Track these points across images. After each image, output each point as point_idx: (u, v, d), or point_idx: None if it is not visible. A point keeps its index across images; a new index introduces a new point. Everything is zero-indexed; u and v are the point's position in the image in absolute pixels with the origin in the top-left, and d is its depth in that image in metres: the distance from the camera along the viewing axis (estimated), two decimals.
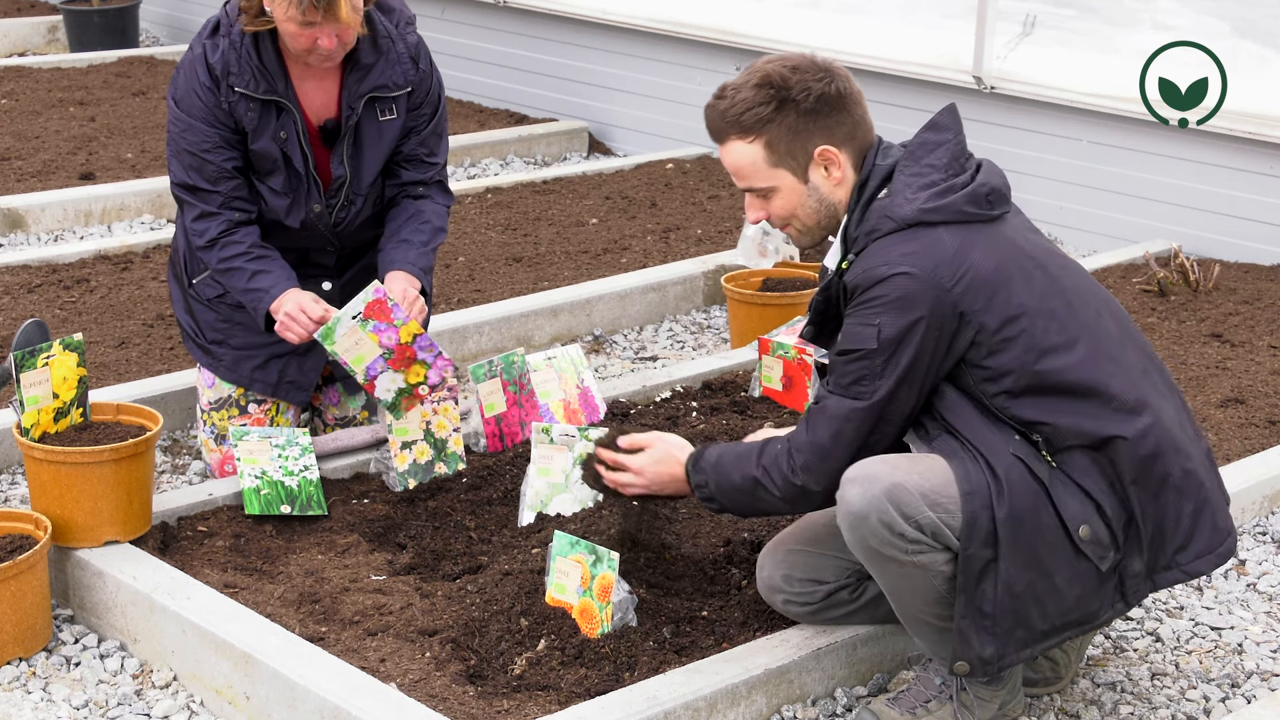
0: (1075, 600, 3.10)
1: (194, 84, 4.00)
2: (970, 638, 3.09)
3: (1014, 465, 3.04)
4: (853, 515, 3.07)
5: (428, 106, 4.19)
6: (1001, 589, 3.05)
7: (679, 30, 7.53)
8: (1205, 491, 3.15)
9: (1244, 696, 3.50)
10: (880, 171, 3.19)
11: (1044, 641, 3.13)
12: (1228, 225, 6.12)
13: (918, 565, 3.07)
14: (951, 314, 3.05)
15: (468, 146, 7.53)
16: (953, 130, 3.20)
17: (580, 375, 4.38)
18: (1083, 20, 6.66)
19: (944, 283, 3.04)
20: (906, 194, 3.12)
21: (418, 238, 4.15)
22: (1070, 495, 3.06)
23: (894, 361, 3.06)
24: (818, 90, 3.16)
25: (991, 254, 3.09)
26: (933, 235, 3.08)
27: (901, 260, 3.05)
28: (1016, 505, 3.02)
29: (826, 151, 3.18)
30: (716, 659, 3.31)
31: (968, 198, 3.11)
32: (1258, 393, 4.83)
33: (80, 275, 5.65)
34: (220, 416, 4.26)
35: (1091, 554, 3.07)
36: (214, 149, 4.02)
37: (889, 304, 3.05)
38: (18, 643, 3.51)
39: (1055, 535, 3.05)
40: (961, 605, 3.08)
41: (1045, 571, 3.05)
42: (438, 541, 3.86)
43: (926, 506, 3.04)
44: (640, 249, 6.20)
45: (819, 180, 3.21)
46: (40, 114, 7.76)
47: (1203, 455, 3.20)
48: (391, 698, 3.15)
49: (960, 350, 3.08)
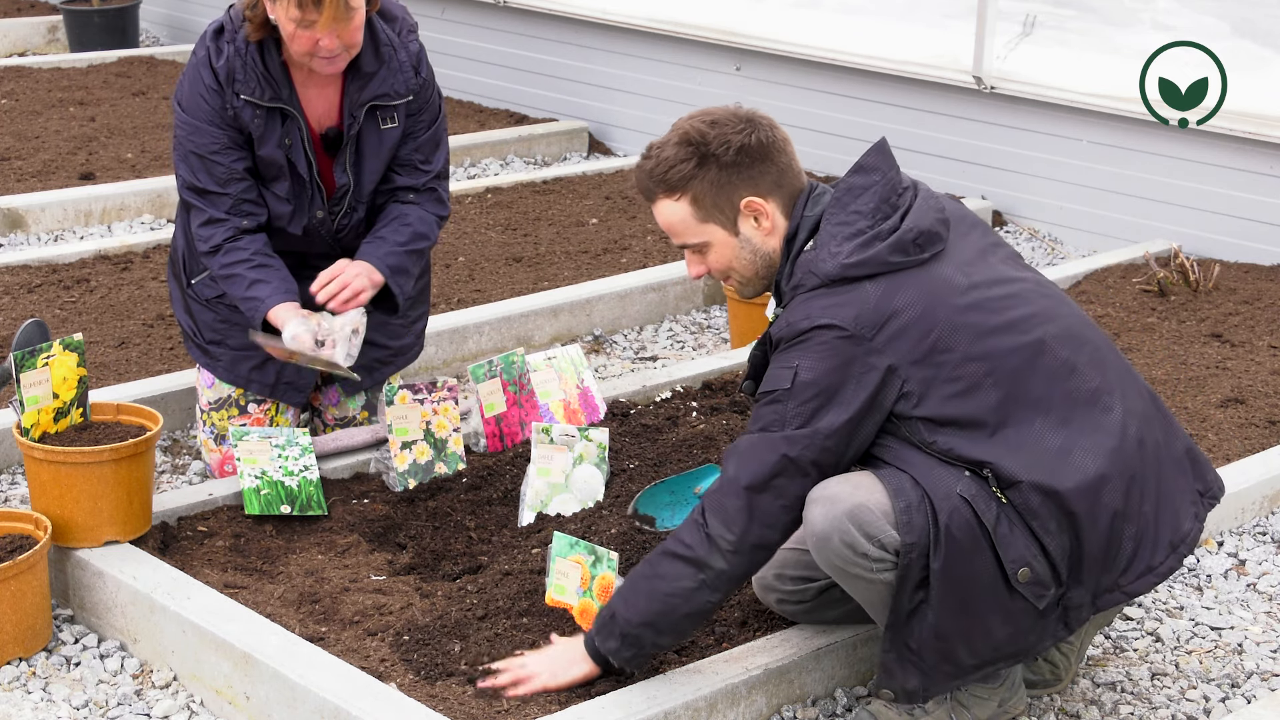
0: (1007, 637, 3.08)
1: (199, 88, 4.00)
2: (894, 670, 3.09)
3: (958, 510, 2.99)
4: (816, 536, 3.05)
5: (426, 114, 4.19)
6: (928, 631, 3.04)
7: (679, 30, 7.53)
8: (1146, 513, 3.10)
9: (1244, 696, 3.51)
10: (808, 222, 3.15)
11: (973, 674, 3.12)
12: (1228, 225, 6.12)
13: (884, 582, 3.06)
14: (876, 367, 3.00)
15: (468, 146, 7.53)
16: (881, 170, 3.14)
17: (580, 375, 4.38)
18: (1083, 20, 6.66)
19: (865, 333, 3.00)
20: (831, 247, 3.07)
21: (394, 237, 4.13)
22: (1015, 536, 3.01)
23: (807, 406, 3.02)
24: (737, 143, 3.13)
25: (918, 300, 3.03)
26: (856, 289, 3.03)
27: (822, 313, 3.02)
28: (953, 555, 2.99)
29: (752, 203, 3.16)
30: (716, 659, 3.31)
31: (891, 247, 3.05)
32: (1258, 393, 4.83)
33: (80, 275, 5.65)
34: (220, 416, 4.26)
35: (1029, 594, 3.03)
36: (222, 150, 4.02)
37: (807, 350, 3.02)
38: (18, 643, 3.51)
39: (991, 580, 3.02)
40: (888, 640, 3.08)
41: (976, 615, 3.04)
42: (438, 541, 3.86)
43: (889, 525, 3.02)
44: (640, 249, 6.20)
45: (749, 231, 3.18)
46: (40, 114, 7.76)
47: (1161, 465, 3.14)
48: (391, 698, 3.15)
49: (888, 404, 3.03)
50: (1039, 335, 3.10)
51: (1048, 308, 3.17)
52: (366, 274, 4.03)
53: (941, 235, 3.12)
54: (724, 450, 3.25)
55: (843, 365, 3.00)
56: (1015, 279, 3.18)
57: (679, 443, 4.20)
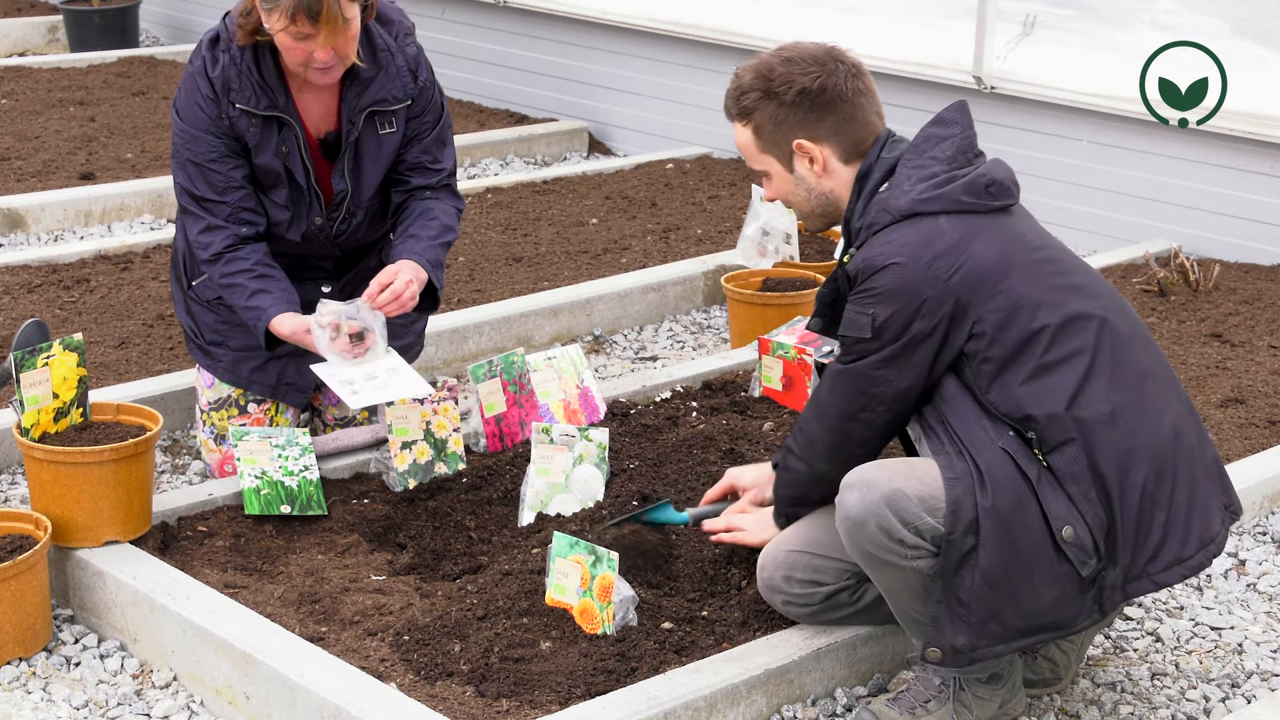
0: (1052, 602, 3.08)
1: (195, 97, 4.00)
2: (944, 624, 3.09)
3: (1000, 460, 3.04)
4: (851, 520, 3.08)
5: (429, 115, 4.19)
6: (979, 578, 3.04)
7: (679, 30, 7.53)
8: (1178, 502, 3.12)
9: (1244, 696, 3.50)
10: (883, 165, 3.22)
11: (1018, 640, 3.12)
12: (1228, 225, 6.12)
13: (916, 570, 3.08)
14: (948, 304, 3.06)
15: (468, 146, 7.53)
16: (960, 125, 3.21)
17: (580, 375, 4.38)
18: (1083, 20, 6.65)
19: (940, 273, 3.06)
20: (904, 186, 3.15)
21: (425, 232, 4.13)
22: (1056, 497, 3.05)
23: (888, 348, 3.09)
24: (800, 85, 3.21)
25: (993, 245, 3.10)
26: (932, 225, 3.10)
27: (898, 251, 3.08)
28: (1000, 497, 3.02)
29: (803, 145, 3.24)
30: (716, 659, 3.31)
31: (964, 187, 3.13)
32: (1258, 393, 4.83)
33: (80, 275, 5.65)
34: (220, 417, 4.26)
35: (1074, 557, 3.06)
36: (220, 159, 4.02)
37: (883, 294, 3.09)
38: (18, 643, 3.51)
39: (1038, 533, 3.04)
40: (938, 591, 3.08)
41: (1024, 567, 3.04)
42: (438, 541, 3.86)
43: (925, 512, 3.04)
44: (640, 249, 6.20)
45: (804, 171, 3.28)
46: (40, 114, 7.76)
47: (1195, 463, 3.17)
48: (391, 698, 3.15)
49: (959, 343, 3.09)
50: (1104, 304, 3.17)
51: (1108, 289, 3.25)
52: (414, 274, 4.02)
53: (1012, 191, 3.21)
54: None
55: (918, 304, 3.06)
56: (1075, 258, 3.27)
57: (679, 443, 4.20)
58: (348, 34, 3.87)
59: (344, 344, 3.93)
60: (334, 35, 3.83)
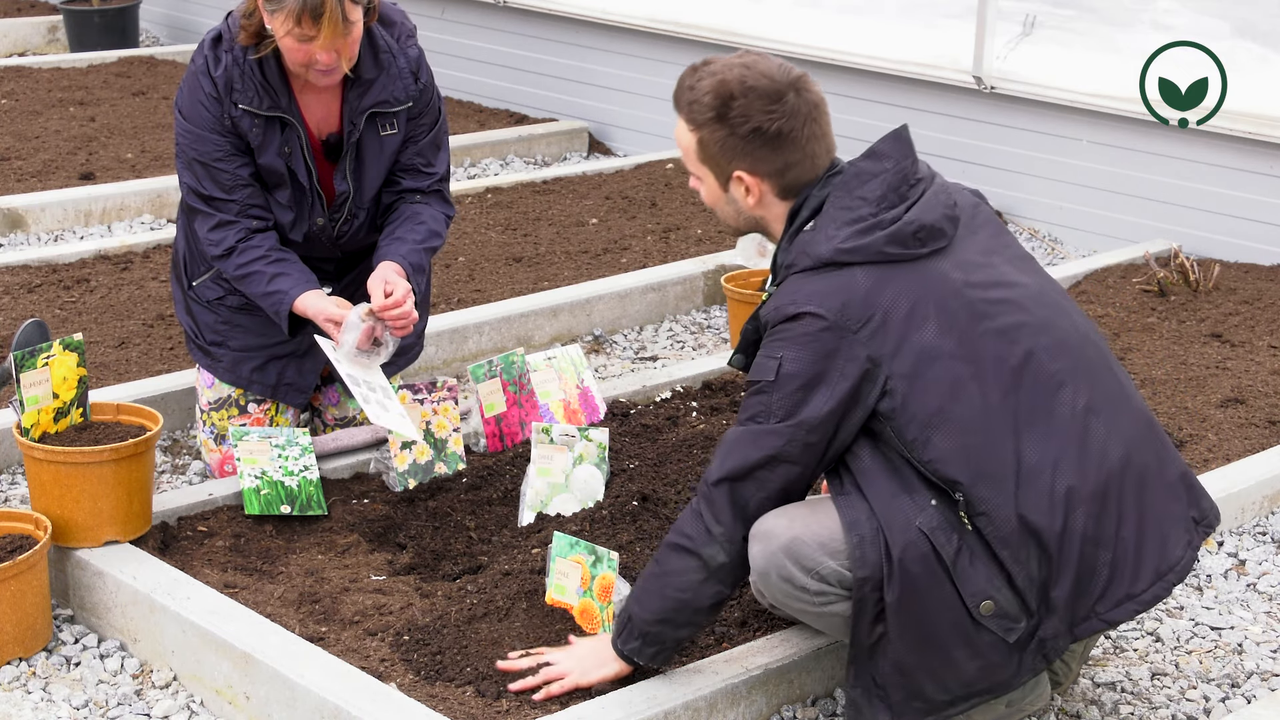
0: (979, 671, 3.01)
1: (198, 96, 4.00)
2: (863, 707, 3.04)
3: (914, 544, 2.94)
4: (757, 573, 3.05)
5: (427, 117, 4.19)
6: (890, 665, 3.00)
7: (679, 30, 7.53)
8: (1125, 538, 3.03)
9: (1244, 696, 3.51)
10: (813, 202, 3.11)
11: (948, 709, 3.05)
12: (1228, 225, 6.12)
13: (833, 614, 3.05)
14: (858, 359, 2.96)
15: (468, 146, 7.53)
16: (894, 158, 3.09)
17: (580, 375, 4.38)
18: (1083, 20, 6.65)
19: (850, 325, 2.96)
20: (829, 230, 3.04)
21: (411, 236, 4.13)
22: (977, 569, 2.96)
23: (791, 398, 2.98)
24: (755, 124, 3.08)
25: (908, 294, 2.99)
26: (848, 277, 2.99)
27: (808, 300, 2.99)
28: (908, 588, 2.94)
29: (743, 177, 3.14)
30: (716, 659, 3.31)
31: (888, 238, 3.01)
32: (1258, 393, 4.83)
33: (80, 275, 5.65)
34: (220, 416, 4.26)
35: (996, 628, 2.98)
36: (226, 157, 4.02)
37: (792, 340, 2.99)
38: (18, 643, 3.51)
39: (953, 614, 2.97)
40: (852, 675, 3.04)
41: (940, 650, 2.98)
42: (438, 541, 3.86)
43: (826, 556, 3.00)
44: (640, 249, 6.20)
45: (738, 195, 3.17)
46: (40, 114, 7.76)
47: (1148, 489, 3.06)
48: (392, 698, 3.15)
49: (870, 400, 2.98)
50: (1029, 346, 3.04)
51: (1045, 318, 3.10)
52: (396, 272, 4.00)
53: (946, 231, 3.07)
54: None
55: (825, 356, 2.96)
56: (1016, 283, 3.12)
57: (679, 443, 4.21)
58: (350, 36, 3.87)
59: (365, 343, 3.94)
60: (336, 38, 3.83)
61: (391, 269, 4.00)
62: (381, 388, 3.97)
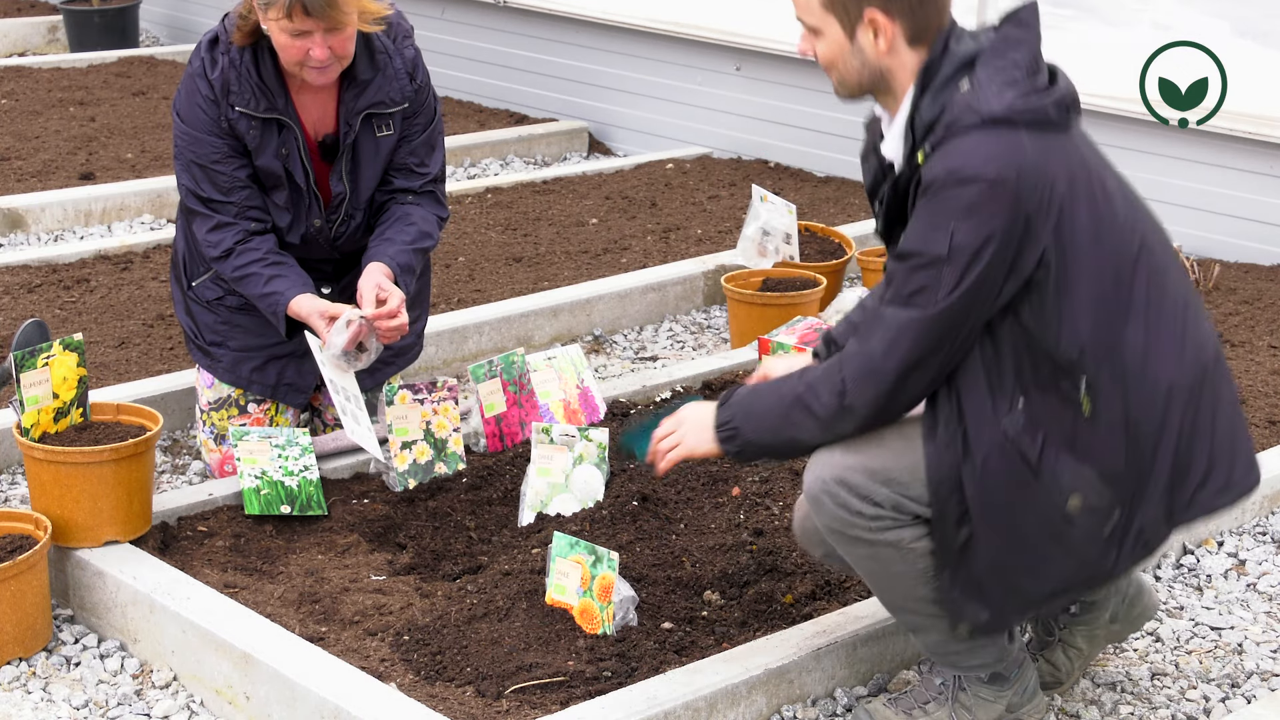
0: (1076, 567, 2.98)
1: (196, 98, 4.00)
2: (962, 606, 3.03)
3: (996, 446, 2.91)
4: (810, 499, 3.04)
5: (421, 117, 4.19)
6: (984, 566, 2.97)
7: (679, 30, 7.53)
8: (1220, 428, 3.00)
9: (1244, 696, 3.51)
10: (954, 59, 2.97)
11: (1049, 602, 3.04)
12: (1228, 225, 6.12)
13: (887, 543, 3.01)
14: (1024, 227, 2.86)
15: (468, 146, 7.53)
16: (1034, 29, 3.01)
17: (580, 375, 4.38)
18: (1083, 20, 6.65)
19: (1023, 193, 2.85)
20: (991, 88, 2.92)
21: (400, 237, 4.13)
22: (1062, 465, 2.92)
23: (964, 273, 2.85)
24: None
25: (1065, 167, 2.91)
26: (1015, 139, 2.88)
27: (985, 164, 2.84)
28: (990, 485, 2.92)
29: (876, 18, 2.98)
30: (716, 659, 3.31)
31: (1056, 103, 2.93)
32: (1258, 393, 4.83)
33: (80, 275, 5.65)
34: (220, 417, 4.26)
35: (1087, 523, 2.95)
36: (223, 159, 4.02)
37: (967, 208, 2.84)
38: (18, 643, 3.51)
39: (1041, 512, 2.93)
40: (947, 578, 3.01)
41: (1032, 547, 2.95)
42: (438, 541, 3.86)
43: (878, 483, 2.98)
44: (640, 249, 6.20)
45: (865, 43, 3.00)
46: (40, 114, 7.76)
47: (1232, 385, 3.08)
48: (391, 698, 3.15)
49: (1027, 269, 2.87)
50: (1142, 234, 3.00)
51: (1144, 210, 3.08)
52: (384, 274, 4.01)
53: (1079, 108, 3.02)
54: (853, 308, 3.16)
55: (1002, 226, 2.84)
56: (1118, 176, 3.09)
57: None
58: (344, 32, 3.87)
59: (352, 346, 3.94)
60: (331, 32, 3.83)
61: (380, 271, 4.01)
62: (355, 398, 3.98)
